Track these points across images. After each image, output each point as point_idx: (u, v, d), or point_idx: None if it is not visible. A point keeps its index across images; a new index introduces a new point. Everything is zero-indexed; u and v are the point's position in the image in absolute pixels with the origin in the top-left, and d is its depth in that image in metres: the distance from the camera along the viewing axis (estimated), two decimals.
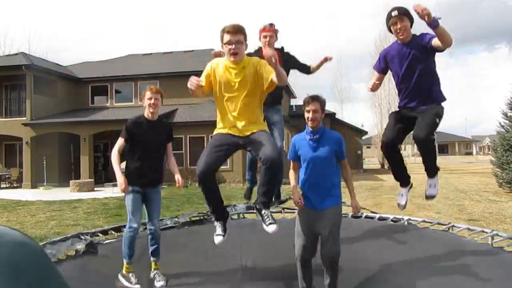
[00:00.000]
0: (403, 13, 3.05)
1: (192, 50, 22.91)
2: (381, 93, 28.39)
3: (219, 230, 2.97)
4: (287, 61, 3.83)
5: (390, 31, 3.19)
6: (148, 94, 3.50)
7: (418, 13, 2.69)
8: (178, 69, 19.29)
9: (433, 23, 2.72)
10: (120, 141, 3.46)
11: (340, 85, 35.74)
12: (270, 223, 2.83)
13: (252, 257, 3.82)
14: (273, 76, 2.64)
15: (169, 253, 3.82)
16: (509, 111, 12.84)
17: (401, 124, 3.32)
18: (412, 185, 3.64)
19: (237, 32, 2.68)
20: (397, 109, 3.46)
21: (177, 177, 3.59)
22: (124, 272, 3.37)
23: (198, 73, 4.18)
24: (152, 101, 3.48)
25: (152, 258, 3.48)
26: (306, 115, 2.99)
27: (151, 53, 23.35)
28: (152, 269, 3.47)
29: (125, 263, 3.37)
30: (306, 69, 4.12)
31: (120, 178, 3.33)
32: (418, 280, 3.28)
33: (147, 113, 3.52)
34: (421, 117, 3.14)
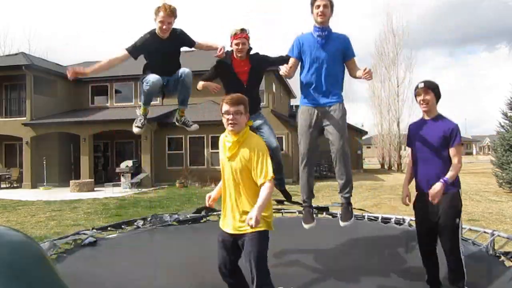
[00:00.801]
0: (428, 87, 2.89)
1: (192, 50, 22.87)
2: (381, 93, 28.41)
3: None
4: (261, 64, 3.60)
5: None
6: (161, 15, 3.27)
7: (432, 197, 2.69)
8: None
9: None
10: (122, 52, 3.42)
11: None
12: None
13: None
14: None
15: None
16: (509, 111, 12.83)
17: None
18: None
19: (236, 103, 2.53)
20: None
21: (218, 46, 3.52)
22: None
23: (198, 73, 4.17)
24: (165, 26, 3.30)
25: (181, 107, 3.69)
26: (315, 10, 2.95)
27: None
28: (180, 117, 3.76)
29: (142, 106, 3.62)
30: (283, 61, 3.70)
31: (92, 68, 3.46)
32: (419, 279, 3.28)
33: (158, 32, 3.38)
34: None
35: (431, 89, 2.88)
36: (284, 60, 3.54)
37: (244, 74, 3.46)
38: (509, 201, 10.11)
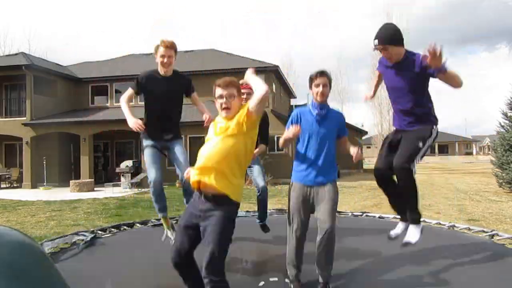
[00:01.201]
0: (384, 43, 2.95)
1: (192, 50, 22.92)
2: (381, 93, 28.35)
3: None
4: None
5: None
6: (161, 50, 3.27)
7: (429, 53, 2.57)
8: (178, 69, 19.19)
9: (442, 69, 2.64)
10: (129, 91, 3.40)
11: (340, 85, 35.72)
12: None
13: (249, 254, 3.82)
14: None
15: None
16: (509, 111, 12.83)
17: (392, 150, 3.11)
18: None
19: (228, 85, 2.48)
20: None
21: (205, 115, 3.50)
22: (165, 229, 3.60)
23: (198, 73, 4.16)
24: (166, 60, 3.27)
25: (187, 198, 3.62)
26: (315, 89, 3.01)
27: (151, 53, 23.12)
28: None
29: (161, 218, 3.59)
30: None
31: (130, 118, 3.22)
32: (419, 279, 3.28)
33: (160, 70, 3.38)
34: (404, 141, 3.02)
35: (388, 43, 2.93)
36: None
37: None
38: (509, 201, 10.11)
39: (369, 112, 43.10)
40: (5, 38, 65.70)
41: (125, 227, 4.75)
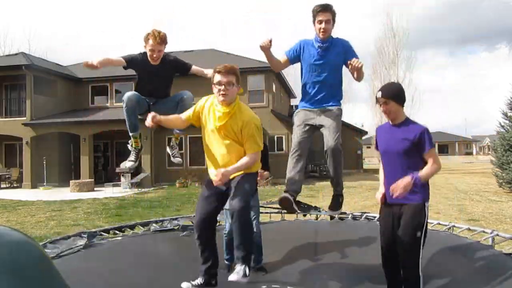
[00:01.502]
0: (387, 97, 2.65)
1: (192, 50, 22.91)
2: None
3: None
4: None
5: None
6: (151, 43, 3.15)
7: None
8: None
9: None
10: (119, 59, 3.28)
11: None
12: (236, 273, 2.56)
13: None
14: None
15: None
16: (509, 111, 12.83)
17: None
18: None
19: (228, 72, 2.55)
20: None
21: (206, 71, 3.34)
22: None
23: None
24: (155, 54, 3.20)
25: (177, 131, 3.59)
26: (318, 26, 2.92)
27: None
28: (175, 140, 3.68)
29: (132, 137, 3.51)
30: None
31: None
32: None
33: (149, 58, 3.28)
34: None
35: (391, 98, 2.63)
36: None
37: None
38: (509, 201, 10.11)
39: (369, 112, 43.04)
40: (5, 38, 65.64)
41: (127, 228, 4.75)
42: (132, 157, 3.59)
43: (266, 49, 3.02)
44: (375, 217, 5.05)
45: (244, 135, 2.57)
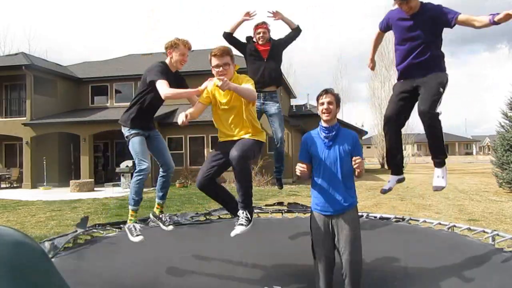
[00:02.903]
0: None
1: (192, 50, 22.82)
2: (381, 93, 28.41)
3: (240, 220, 3.01)
4: (279, 46, 4.33)
5: None
6: (182, 49, 3.34)
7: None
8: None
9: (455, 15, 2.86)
10: (164, 82, 3.16)
11: (340, 85, 35.70)
12: (240, 224, 2.95)
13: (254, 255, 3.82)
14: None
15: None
16: (509, 111, 12.83)
17: (404, 95, 3.22)
18: (403, 179, 3.49)
19: (223, 54, 2.93)
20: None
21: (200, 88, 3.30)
22: (129, 222, 3.42)
23: (197, 73, 4.18)
24: (186, 58, 3.42)
25: (160, 201, 3.60)
26: (320, 108, 2.80)
27: (151, 53, 23.34)
28: (158, 212, 3.62)
29: (130, 211, 3.42)
30: (293, 35, 4.40)
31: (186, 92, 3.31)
32: (420, 280, 3.28)
33: (171, 66, 3.36)
34: (423, 88, 3.07)
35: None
36: (292, 34, 4.37)
37: (264, 52, 4.22)
38: (509, 201, 10.11)
39: (369, 112, 43.07)
40: (5, 38, 65.71)
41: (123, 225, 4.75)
42: (134, 233, 3.34)
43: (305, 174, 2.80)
44: (375, 217, 5.06)
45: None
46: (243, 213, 2.97)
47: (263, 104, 4.19)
